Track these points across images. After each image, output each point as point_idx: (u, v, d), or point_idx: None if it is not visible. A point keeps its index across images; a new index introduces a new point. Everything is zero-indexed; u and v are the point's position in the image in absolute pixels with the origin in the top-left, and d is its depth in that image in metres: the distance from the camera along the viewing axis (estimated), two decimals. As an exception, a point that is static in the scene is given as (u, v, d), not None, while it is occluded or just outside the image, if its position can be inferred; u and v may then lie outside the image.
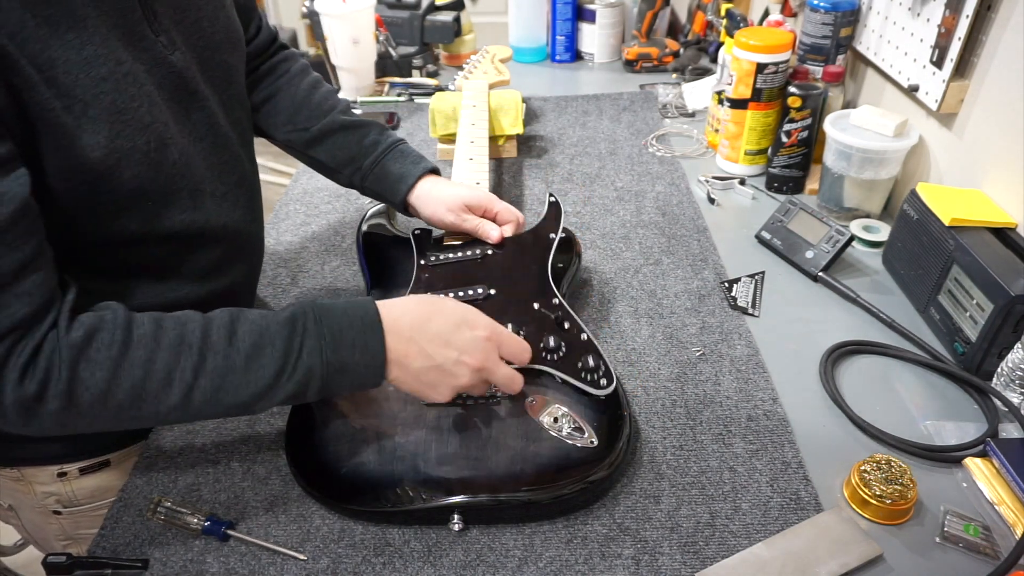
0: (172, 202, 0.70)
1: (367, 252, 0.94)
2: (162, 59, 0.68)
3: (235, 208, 0.79)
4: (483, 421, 0.71)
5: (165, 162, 0.68)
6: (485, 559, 0.65)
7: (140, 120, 0.64)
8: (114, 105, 0.62)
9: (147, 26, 0.67)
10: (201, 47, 0.74)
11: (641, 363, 0.85)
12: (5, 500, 0.87)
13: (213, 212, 0.75)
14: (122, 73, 0.63)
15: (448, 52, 1.74)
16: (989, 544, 0.65)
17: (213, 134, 0.75)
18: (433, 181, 0.93)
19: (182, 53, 0.71)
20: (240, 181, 0.80)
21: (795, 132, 1.11)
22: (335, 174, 0.96)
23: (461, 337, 0.67)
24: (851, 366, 0.85)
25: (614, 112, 1.47)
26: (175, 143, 0.69)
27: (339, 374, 0.63)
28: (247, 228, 0.82)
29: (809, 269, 0.98)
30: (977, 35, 0.91)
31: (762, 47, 1.10)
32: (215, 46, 0.77)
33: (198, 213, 0.73)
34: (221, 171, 0.77)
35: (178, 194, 0.70)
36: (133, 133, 0.64)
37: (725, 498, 0.70)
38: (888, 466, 0.68)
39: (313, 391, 0.63)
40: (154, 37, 0.67)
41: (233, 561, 0.65)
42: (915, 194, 0.92)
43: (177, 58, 0.70)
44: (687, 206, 1.15)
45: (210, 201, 0.75)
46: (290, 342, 0.62)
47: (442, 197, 0.91)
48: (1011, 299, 0.75)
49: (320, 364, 0.62)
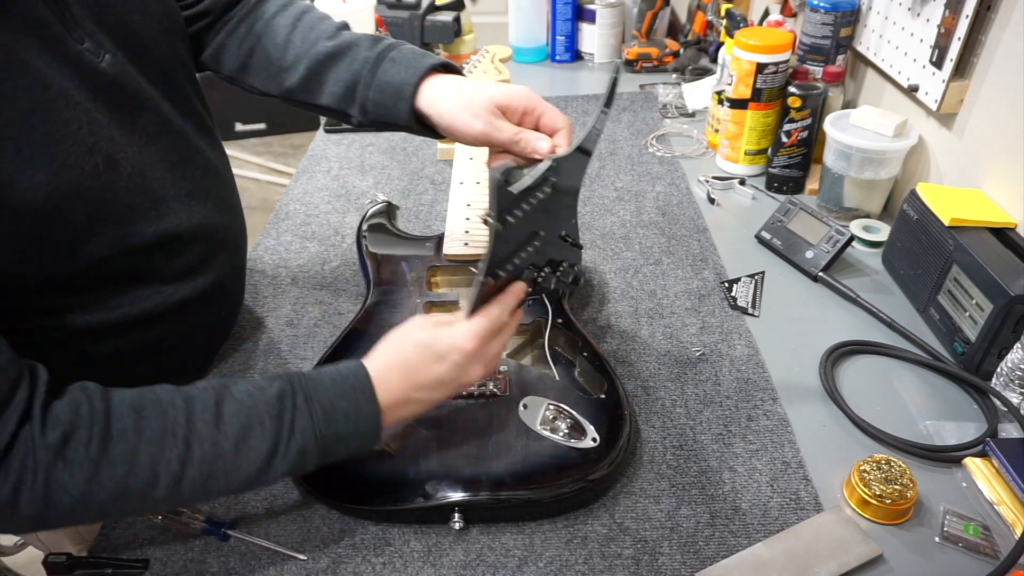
0: (135, 217, 0.66)
1: (367, 252, 0.94)
2: (91, 67, 0.62)
3: (205, 202, 0.75)
4: (484, 420, 0.71)
5: (118, 180, 0.64)
6: (485, 559, 0.65)
7: (83, 143, 0.60)
8: (49, 136, 0.57)
9: (68, 35, 0.61)
10: (133, 43, 0.68)
11: (641, 363, 0.85)
12: None
13: (182, 214, 0.71)
14: (51, 98, 0.57)
15: (448, 52, 1.74)
16: (989, 544, 0.65)
17: (166, 132, 0.71)
18: (445, 80, 0.73)
19: (112, 55, 0.65)
20: (204, 173, 0.76)
21: (795, 132, 1.11)
22: (346, 117, 0.78)
23: (448, 370, 0.63)
24: (851, 366, 0.85)
25: (614, 112, 1.47)
26: (124, 156, 0.65)
27: (335, 445, 0.61)
28: (222, 220, 0.78)
29: (809, 269, 0.98)
30: (977, 35, 0.91)
31: (762, 47, 1.10)
32: (150, 38, 0.70)
33: (166, 220, 0.69)
34: (183, 168, 0.72)
35: (139, 207, 0.66)
36: (78, 160, 0.59)
37: (725, 498, 0.70)
38: (888, 466, 0.68)
39: (310, 465, 0.60)
40: (78, 45, 0.61)
41: (233, 561, 0.65)
42: (915, 194, 0.92)
43: (107, 62, 0.64)
44: (687, 206, 1.15)
45: (175, 204, 0.71)
46: (279, 421, 0.58)
47: (463, 99, 0.70)
48: (1011, 299, 0.75)
49: (314, 441, 0.59)
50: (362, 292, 0.96)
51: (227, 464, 0.57)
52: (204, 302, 0.77)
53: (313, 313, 0.95)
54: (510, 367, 0.76)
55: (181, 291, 0.74)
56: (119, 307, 0.69)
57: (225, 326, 0.89)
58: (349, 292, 0.98)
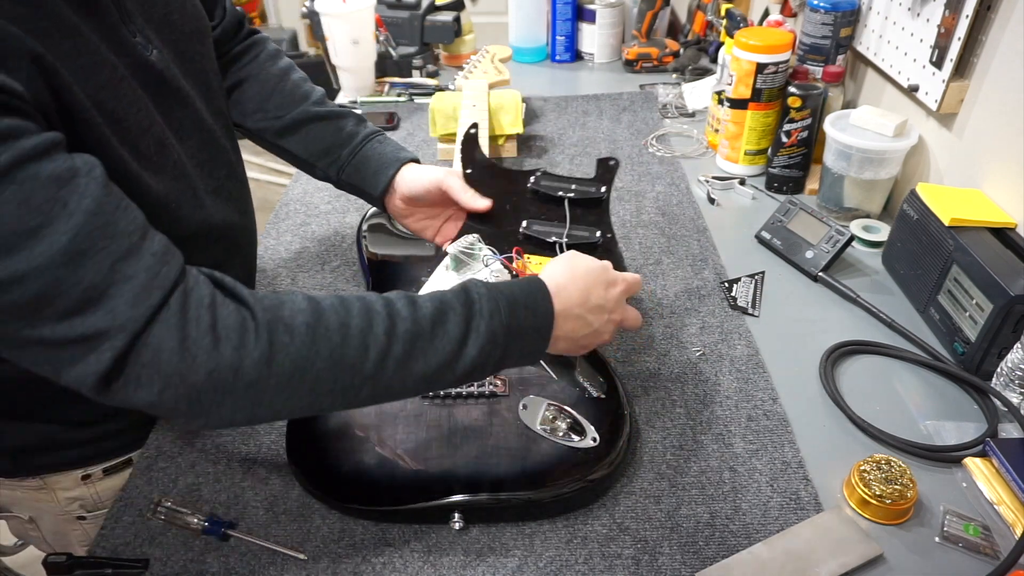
0: (182, 202, 0.69)
1: (367, 252, 0.94)
2: (143, 59, 0.66)
3: (228, 203, 0.78)
4: (484, 420, 0.71)
5: (167, 164, 0.67)
6: (485, 559, 0.65)
7: (140, 124, 0.63)
8: (114, 113, 0.60)
9: (124, 27, 0.65)
10: (174, 41, 0.72)
11: (641, 363, 0.85)
12: (25, 512, 0.86)
13: (212, 208, 0.74)
14: (117, 78, 0.61)
15: (448, 52, 1.74)
16: (989, 544, 0.65)
17: (199, 130, 0.74)
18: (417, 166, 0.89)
19: (159, 51, 0.69)
20: (229, 174, 0.79)
21: (795, 132, 1.11)
22: (310, 167, 0.91)
23: (611, 299, 0.68)
24: (851, 366, 0.85)
25: (614, 112, 1.47)
26: (170, 143, 0.68)
27: (517, 340, 0.62)
28: (240, 222, 0.81)
29: (809, 269, 0.98)
30: (977, 35, 0.91)
31: (762, 47, 1.10)
32: (187, 38, 0.74)
33: (202, 211, 0.72)
34: (211, 167, 0.76)
35: (184, 193, 0.70)
36: (136, 138, 0.62)
37: (725, 498, 0.70)
38: (888, 466, 0.68)
39: (493, 360, 0.61)
40: (132, 38, 0.65)
41: (233, 561, 0.65)
42: (915, 194, 0.92)
43: (156, 56, 0.68)
44: (687, 206, 1.15)
45: (208, 199, 0.74)
46: (469, 308, 0.60)
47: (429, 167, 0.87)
48: (1011, 299, 0.75)
49: (500, 328, 0.60)
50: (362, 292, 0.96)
51: (426, 343, 0.58)
52: None
53: (313, 313, 0.94)
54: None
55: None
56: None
57: None
58: (349, 292, 0.98)
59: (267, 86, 0.90)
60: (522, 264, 0.78)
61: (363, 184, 0.89)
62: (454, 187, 0.84)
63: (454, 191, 0.84)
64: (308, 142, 0.89)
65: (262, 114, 0.89)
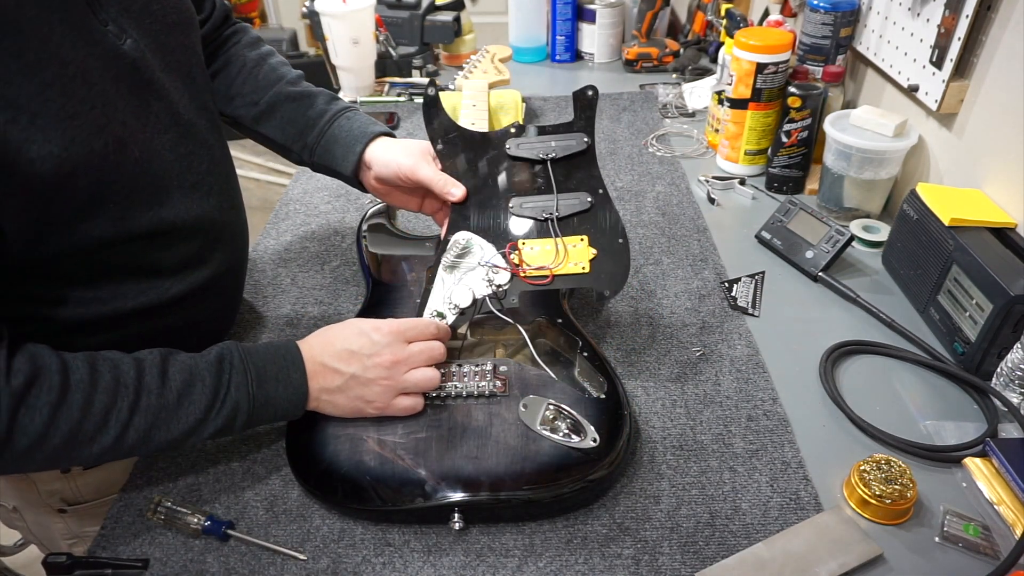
0: (135, 201, 0.67)
1: (367, 252, 0.94)
2: (113, 49, 0.65)
3: (208, 197, 0.76)
4: (483, 420, 0.71)
5: (125, 162, 0.65)
6: (485, 559, 0.65)
7: (95, 123, 0.61)
8: (63, 111, 0.58)
9: (93, 16, 0.63)
10: (155, 31, 0.71)
11: (641, 363, 0.85)
12: (9, 501, 0.87)
13: (182, 205, 0.72)
14: (69, 75, 0.59)
15: (448, 52, 1.74)
16: (989, 544, 0.65)
17: (176, 124, 0.72)
18: (388, 139, 0.87)
19: (134, 40, 0.67)
20: (211, 169, 0.77)
21: (795, 132, 1.11)
22: (287, 151, 0.91)
23: (362, 344, 0.70)
24: (851, 366, 0.85)
25: (614, 112, 1.47)
26: (134, 140, 0.66)
27: (264, 408, 0.68)
28: (223, 217, 0.80)
29: (809, 269, 0.98)
30: (977, 35, 0.91)
31: (762, 47, 1.10)
32: (168, 29, 0.73)
33: (165, 209, 0.70)
34: (190, 161, 0.74)
35: (141, 192, 0.67)
36: (89, 137, 0.60)
37: (725, 498, 0.70)
38: (888, 466, 0.68)
39: (239, 425, 0.67)
40: (102, 27, 0.64)
41: (233, 561, 0.65)
42: (915, 194, 0.92)
43: (129, 46, 0.66)
44: (687, 206, 1.15)
45: (177, 195, 0.72)
46: (218, 379, 0.66)
47: (401, 145, 0.85)
48: (1011, 299, 0.75)
49: (246, 399, 0.67)
50: (362, 292, 0.96)
51: (169, 414, 0.63)
52: (199, 297, 0.77)
53: (313, 313, 0.95)
54: (510, 367, 0.76)
55: (176, 286, 0.74)
56: (113, 300, 0.70)
57: (221, 323, 0.89)
58: (349, 292, 0.98)
59: (243, 72, 0.90)
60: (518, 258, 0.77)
61: (334, 164, 0.88)
62: (426, 179, 0.82)
63: (428, 183, 0.82)
64: (283, 125, 0.89)
65: (240, 99, 0.89)
